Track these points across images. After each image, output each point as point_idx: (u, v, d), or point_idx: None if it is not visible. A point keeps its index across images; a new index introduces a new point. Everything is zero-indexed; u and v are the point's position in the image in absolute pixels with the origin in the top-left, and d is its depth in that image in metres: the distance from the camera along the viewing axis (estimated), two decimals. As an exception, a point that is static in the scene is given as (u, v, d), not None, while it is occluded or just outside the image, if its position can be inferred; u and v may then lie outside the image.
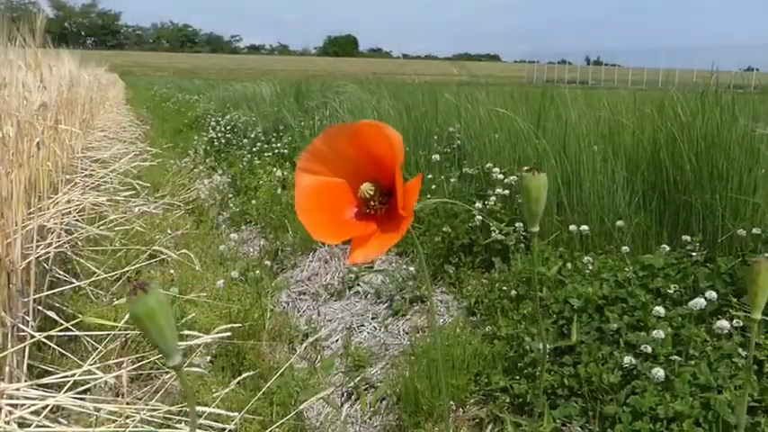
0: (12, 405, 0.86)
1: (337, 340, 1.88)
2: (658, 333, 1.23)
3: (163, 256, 1.92)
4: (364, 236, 0.50)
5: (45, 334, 1.10)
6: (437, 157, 2.47)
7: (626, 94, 2.90)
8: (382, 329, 1.87)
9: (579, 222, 1.79)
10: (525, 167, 0.49)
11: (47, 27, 1.82)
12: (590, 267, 1.57)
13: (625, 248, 1.61)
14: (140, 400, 1.25)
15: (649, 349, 1.22)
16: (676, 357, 1.20)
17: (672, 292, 1.39)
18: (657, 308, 1.30)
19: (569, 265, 1.63)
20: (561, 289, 1.52)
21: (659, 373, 1.15)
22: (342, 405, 1.58)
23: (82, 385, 1.01)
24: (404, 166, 0.50)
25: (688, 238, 1.58)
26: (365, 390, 1.61)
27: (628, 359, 1.22)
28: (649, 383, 1.17)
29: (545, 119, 2.39)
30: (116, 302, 1.19)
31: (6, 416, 0.83)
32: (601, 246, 1.76)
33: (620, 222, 1.73)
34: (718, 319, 1.26)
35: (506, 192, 2.01)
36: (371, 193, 0.51)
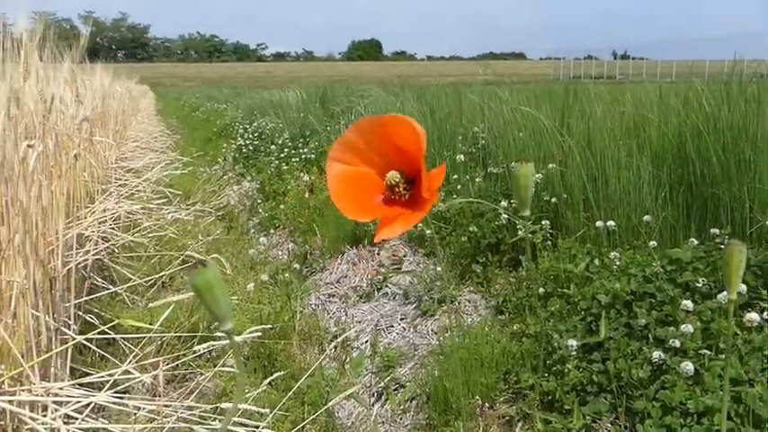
0: (57, 403, 0.90)
1: (366, 341, 1.90)
2: (687, 327, 1.22)
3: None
4: (390, 217, 0.55)
5: (86, 336, 1.15)
6: (461, 157, 2.48)
7: (651, 87, 2.86)
8: (411, 330, 1.88)
9: (606, 218, 1.78)
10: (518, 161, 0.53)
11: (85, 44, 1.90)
12: (617, 263, 1.57)
13: (653, 243, 1.60)
14: (176, 400, 1.29)
15: (678, 344, 1.21)
16: (706, 351, 1.19)
17: (700, 285, 1.37)
18: (686, 302, 1.29)
19: (597, 262, 1.62)
20: (589, 285, 1.52)
21: (689, 367, 1.15)
22: (372, 405, 1.60)
23: (121, 385, 1.06)
24: (426, 160, 0.56)
25: (716, 230, 1.56)
26: (395, 390, 1.63)
27: (657, 354, 1.21)
28: (679, 378, 1.16)
29: (569, 116, 2.38)
30: (151, 306, 1.24)
31: (52, 413, 0.88)
32: (628, 241, 1.75)
33: (647, 217, 1.71)
34: (748, 311, 1.24)
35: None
36: (397, 180, 0.56)
